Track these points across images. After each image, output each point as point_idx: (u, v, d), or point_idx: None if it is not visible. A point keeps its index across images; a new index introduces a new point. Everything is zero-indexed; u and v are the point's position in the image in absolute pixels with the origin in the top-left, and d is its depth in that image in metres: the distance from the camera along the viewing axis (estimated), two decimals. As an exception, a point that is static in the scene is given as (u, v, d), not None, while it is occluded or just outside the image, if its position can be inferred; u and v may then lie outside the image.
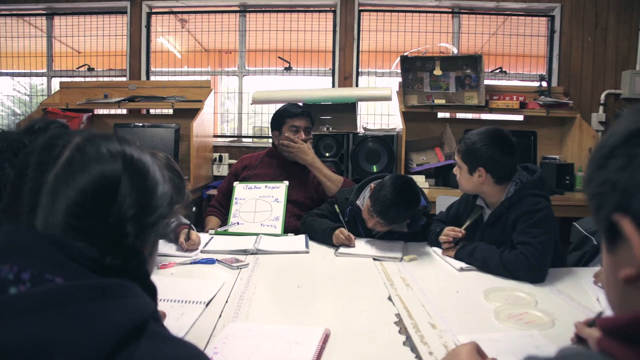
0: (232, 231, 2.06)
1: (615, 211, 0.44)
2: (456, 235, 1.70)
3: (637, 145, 0.43)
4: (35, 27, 4.08)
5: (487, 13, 3.78)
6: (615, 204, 0.44)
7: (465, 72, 3.42)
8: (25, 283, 0.49)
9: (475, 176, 1.65)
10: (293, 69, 3.90)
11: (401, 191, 1.73)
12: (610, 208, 0.44)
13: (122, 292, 0.52)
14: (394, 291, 1.36)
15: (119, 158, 0.59)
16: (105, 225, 0.56)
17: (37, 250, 0.52)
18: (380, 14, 3.81)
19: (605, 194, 0.45)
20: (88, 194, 0.55)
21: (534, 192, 1.60)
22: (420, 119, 3.49)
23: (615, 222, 0.44)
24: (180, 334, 1.02)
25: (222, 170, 3.73)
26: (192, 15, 3.98)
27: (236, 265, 1.57)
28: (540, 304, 1.25)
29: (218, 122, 4.16)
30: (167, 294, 1.23)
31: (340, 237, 1.83)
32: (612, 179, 0.44)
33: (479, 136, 1.65)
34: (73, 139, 0.59)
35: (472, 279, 1.51)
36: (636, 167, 0.42)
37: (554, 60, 3.70)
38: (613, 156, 0.45)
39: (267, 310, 1.23)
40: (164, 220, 0.64)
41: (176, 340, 0.55)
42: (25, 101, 4.48)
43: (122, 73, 4.00)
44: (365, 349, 0.99)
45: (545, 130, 3.51)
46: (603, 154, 0.46)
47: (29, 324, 0.45)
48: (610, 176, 0.44)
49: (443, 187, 3.19)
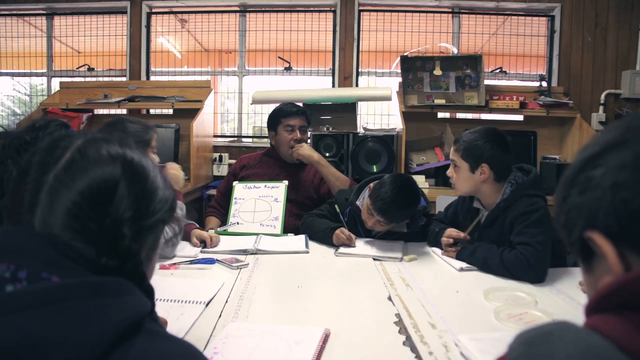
0: (231, 231, 2.06)
1: (585, 229, 0.47)
2: (459, 236, 1.69)
3: (590, 169, 0.47)
4: (35, 27, 4.08)
5: (487, 13, 3.78)
6: (584, 223, 0.47)
7: (465, 72, 3.42)
8: (22, 281, 0.49)
9: (477, 173, 1.65)
10: (293, 69, 3.90)
11: (402, 189, 1.73)
12: (580, 228, 0.48)
13: (118, 290, 0.52)
14: (394, 291, 1.36)
15: (119, 161, 0.60)
16: (102, 227, 0.56)
17: (34, 249, 0.52)
18: (380, 14, 3.80)
19: (574, 218, 0.49)
20: (86, 195, 0.56)
21: (530, 193, 1.60)
22: (420, 119, 3.48)
23: (587, 240, 0.47)
24: (180, 334, 1.02)
25: (222, 170, 3.72)
26: (192, 15, 3.97)
27: (236, 265, 1.57)
28: (540, 304, 1.25)
29: (218, 122, 4.16)
30: (167, 294, 1.23)
31: (341, 237, 1.83)
32: (576, 204, 0.49)
33: (478, 134, 1.66)
34: (75, 141, 0.60)
35: (472, 279, 1.51)
36: (594, 187, 0.46)
37: (554, 60, 3.70)
38: (573, 185, 0.49)
39: (267, 310, 1.22)
40: (163, 224, 0.65)
41: (172, 339, 0.56)
42: (25, 101, 4.48)
43: (122, 73, 4.00)
44: (365, 349, 0.99)
45: (545, 130, 3.50)
46: (565, 186, 0.51)
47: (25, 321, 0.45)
48: (574, 202, 0.49)
49: (443, 187, 3.19)
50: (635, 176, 0.44)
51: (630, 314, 0.42)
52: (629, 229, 0.44)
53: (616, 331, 0.41)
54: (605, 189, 0.45)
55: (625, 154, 0.45)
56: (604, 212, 0.45)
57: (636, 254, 0.44)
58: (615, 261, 0.45)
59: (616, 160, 0.46)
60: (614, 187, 0.45)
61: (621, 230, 0.44)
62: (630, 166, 0.44)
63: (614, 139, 0.47)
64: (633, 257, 0.45)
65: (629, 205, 0.44)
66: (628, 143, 0.46)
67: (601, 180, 0.46)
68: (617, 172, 0.45)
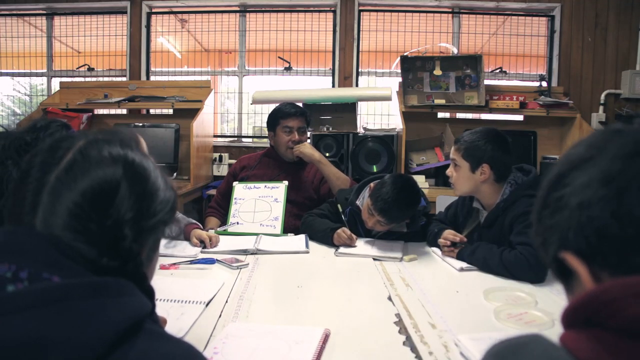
0: (231, 231, 2.06)
1: (559, 249, 0.48)
2: (455, 239, 1.69)
3: (559, 188, 0.48)
4: (35, 27, 4.08)
5: (487, 13, 3.78)
6: (557, 244, 0.48)
7: (465, 72, 3.42)
8: (23, 281, 0.49)
9: (478, 173, 1.65)
10: (293, 69, 3.90)
11: (402, 189, 1.73)
12: (555, 249, 0.49)
13: (118, 290, 0.52)
14: (394, 291, 1.36)
15: (120, 162, 0.60)
16: (103, 227, 0.56)
17: (35, 250, 0.53)
18: (380, 14, 3.80)
19: (549, 239, 0.49)
20: (87, 196, 0.56)
21: (529, 193, 1.60)
22: (420, 119, 3.48)
23: (562, 260, 0.48)
24: (180, 334, 1.02)
25: (222, 170, 3.72)
26: (192, 15, 3.97)
27: (236, 265, 1.57)
28: (540, 304, 1.25)
29: (218, 122, 4.16)
30: (167, 294, 1.23)
31: (342, 236, 1.83)
32: (549, 225, 0.49)
33: (479, 134, 1.67)
34: (77, 142, 0.61)
35: (472, 279, 1.51)
36: (563, 207, 0.47)
37: (554, 60, 3.70)
38: (545, 206, 0.50)
39: (267, 310, 1.23)
40: (164, 225, 0.65)
41: (173, 339, 0.56)
42: (25, 101, 4.48)
43: (122, 73, 4.00)
44: (365, 349, 0.99)
45: (545, 130, 3.50)
46: (539, 207, 0.52)
47: (26, 321, 0.45)
48: (547, 223, 0.50)
49: (443, 187, 3.19)
50: (599, 194, 0.44)
51: (595, 330, 0.42)
52: (597, 247, 0.44)
53: (580, 349, 0.42)
54: (573, 209, 0.46)
55: (589, 172, 0.45)
56: (573, 232, 0.45)
57: (606, 271, 0.44)
58: (587, 280, 0.45)
59: (581, 178, 0.46)
60: (580, 206, 0.45)
61: (590, 248, 0.45)
62: (594, 184, 0.44)
63: (578, 158, 0.48)
64: (603, 274, 0.45)
65: (593, 223, 0.44)
66: (592, 161, 0.46)
67: (568, 199, 0.46)
68: (582, 191, 0.45)
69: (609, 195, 0.43)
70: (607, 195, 0.43)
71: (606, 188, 0.44)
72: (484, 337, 1.01)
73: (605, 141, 0.47)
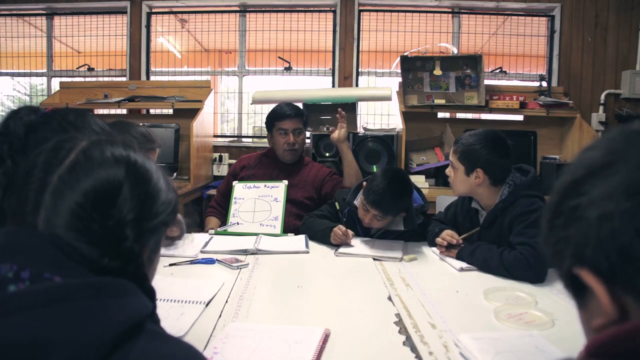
0: (231, 231, 2.06)
1: (574, 265, 0.44)
2: (452, 241, 1.69)
3: (575, 196, 0.44)
4: (35, 27, 4.08)
5: (487, 13, 3.78)
6: (572, 258, 0.44)
7: (465, 72, 3.42)
8: (25, 281, 0.49)
9: (472, 177, 1.65)
10: (293, 69, 3.90)
11: (392, 180, 1.75)
12: (569, 263, 0.44)
13: (120, 291, 0.52)
14: (394, 291, 1.36)
15: (123, 163, 0.60)
16: (105, 228, 0.56)
17: (36, 250, 0.53)
18: (380, 14, 3.80)
19: (562, 251, 0.45)
20: (90, 196, 0.56)
21: (528, 193, 1.60)
22: (420, 119, 3.48)
23: (577, 276, 0.44)
24: (180, 334, 1.02)
25: (222, 170, 3.72)
26: (192, 15, 3.97)
27: (236, 265, 1.57)
28: (540, 304, 1.25)
29: (218, 122, 4.16)
30: (167, 294, 1.23)
31: (338, 233, 1.82)
32: (562, 236, 0.45)
33: (477, 137, 1.66)
34: (80, 143, 0.61)
35: (472, 279, 1.51)
36: (579, 219, 0.42)
37: (554, 60, 3.70)
38: (558, 214, 0.46)
39: (267, 310, 1.23)
40: (165, 227, 0.65)
41: (173, 340, 0.56)
42: (25, 101, 4.47)
43: (122, 73, 4.00)
44: (365, 349, 0.99)
45: (545, 130, 3.50)
46: (550, 215, 0.47)
47: (27, 321, 0.45)
48: (560, 235, 0.45)
49: (443, 187, 3.19)
50: (622, 207, 0.39)
51: None
52: (619, 267, 0.39)
53: None
54: (591, 222, 0.41)
55: (611, 181, 0.41)
56: (592, 248, 0.41)
57: (630, 295, 0.40)
58: (607, 303, 0.41)
59: (600, 188, 0.41)
60: (600, 220, 0.40)
61: (611, 268, 0.40)
62: (616, 195, 0.40)
63: (595, 163, 0.43)
64: (627, 298, 0.40)
65: (617, 241, 0.39)
66: (613, 168, 0.41)
67: (585, 211, 0.42)
68: (602, 202, 0.40)
69: (633, 209, 0.39)
70: (632, 209, 0.39)
71: (630, 201, 0.39)
72: (484, 337, 1.01)
73: (625, 145, 0.42)
